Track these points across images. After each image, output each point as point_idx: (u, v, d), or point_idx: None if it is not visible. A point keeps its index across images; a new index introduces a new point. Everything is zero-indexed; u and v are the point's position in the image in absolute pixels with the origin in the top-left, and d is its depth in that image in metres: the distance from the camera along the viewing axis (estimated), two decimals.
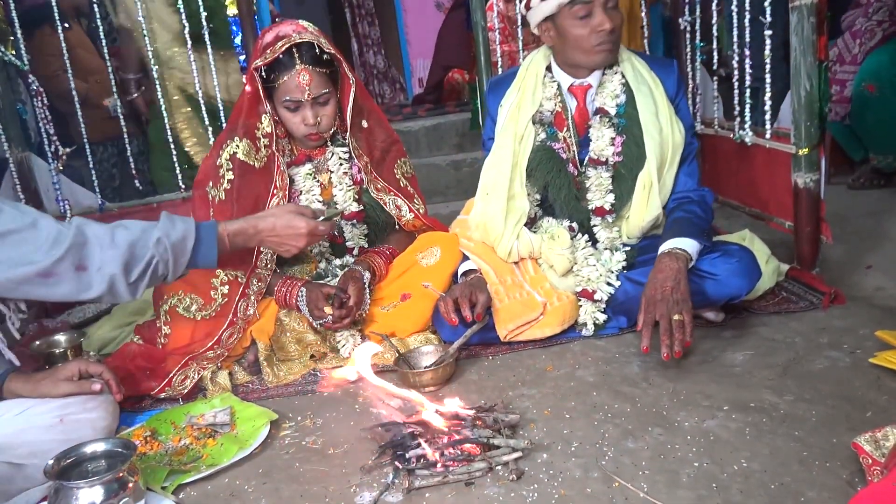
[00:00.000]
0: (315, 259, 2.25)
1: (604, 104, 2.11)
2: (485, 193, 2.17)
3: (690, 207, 2.07)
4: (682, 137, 2.10)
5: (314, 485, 1.49)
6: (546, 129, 2.16)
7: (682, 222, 2.01)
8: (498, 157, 2.17)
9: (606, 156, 2.11)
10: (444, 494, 1.41)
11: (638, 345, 1.98)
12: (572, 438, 1.55)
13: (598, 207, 2.14)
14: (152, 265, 1.53)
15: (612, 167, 2.12)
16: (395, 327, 2.15)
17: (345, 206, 2.22)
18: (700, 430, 1.53)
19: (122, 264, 1.46)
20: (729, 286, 1.93)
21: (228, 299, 2.02)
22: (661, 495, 1.32)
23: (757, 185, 2.57)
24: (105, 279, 1.45)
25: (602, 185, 2.13)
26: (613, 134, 2.11)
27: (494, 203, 2.13)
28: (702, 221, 2.04)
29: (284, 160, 2.16)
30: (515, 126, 2.16)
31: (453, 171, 4.11)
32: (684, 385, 1.74)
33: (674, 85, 2.14)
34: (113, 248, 1.46)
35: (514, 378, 1.90)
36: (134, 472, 1.39)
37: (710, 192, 2.16)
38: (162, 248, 1.54)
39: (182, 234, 1.60)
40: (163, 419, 1.81)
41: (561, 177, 2.15)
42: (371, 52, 7.26)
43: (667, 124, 2.08)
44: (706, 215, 2.08)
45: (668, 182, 2.11)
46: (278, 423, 1.78)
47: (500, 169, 2.15)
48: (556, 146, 2.15)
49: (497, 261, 2.13)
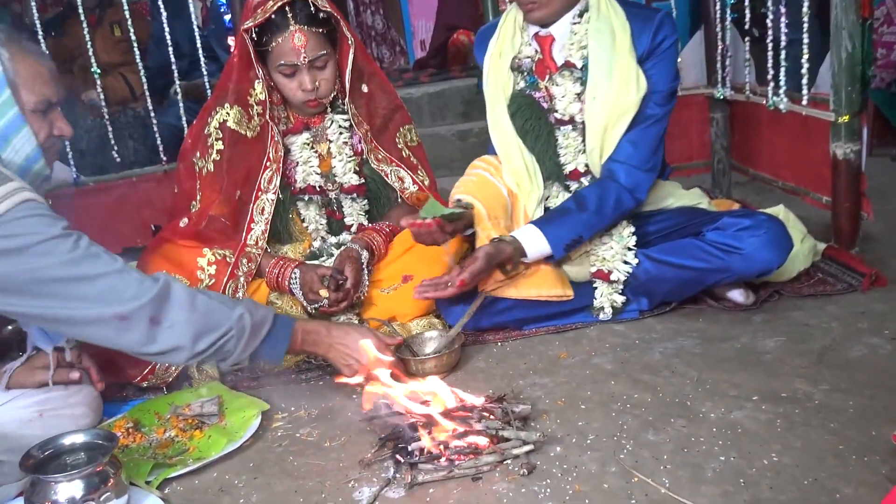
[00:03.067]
0: (309, 237, 2.25)
1: (569, 56, 2.07)
2: (503, 156, 2.16)
3: (597, 193, 1.99)
4: (636, 100, 1.99)
5: (309, 480, 1.51)
6: (525, 78, 2.14)
7: (558, 212, 2.01)
8: (493, 115, 2.16)
9: (572, 113, 2.08)
10: (449, 490, 1.42)
11: (661, 330, 2.00)
12: (588, 430, 1.56)
13: (571, 171, 2.12)
14: (224, 339, 1.51)
15: (580, 125, 2.08)
16: (395, 311, 2.15)
17: (343, 179, 2.21)
18: (727, 421, 1.53)
19: (194, 330, 1.47)
20: (757, 260, 1.93)
21: (216, 280, 2.02)
22: (683, 491, 1.32)
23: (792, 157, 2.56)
24: (172, 339, 1.46)
25: (571, 146, 2.10)
26: (579, 89, 2.06)
27: (514, 161, 2.13)
28: (586, 218, 1.98)
29: (279, 129, 2.16)
30: (498, 74, 2.15)
31: (458, 141, 4.09)
32: (710, 373, 1.74)
33: (647, 42, 2.00)
34: (191, 311, 1.48)
35: (525, 366, 1.90)
36: (116, 465, 1.41)
37: (654, 174, 2.08)
38: (241, 326, 1.54)
39: (262, 317, 1.59)
40: (146, 409, 1.83)
41: (540, 125, 2.12)
42: (368, 11, 7.20)
43: (620, 82, 1.99)
44: (611, 207, 1.99)
45: (608, 145, 2.04)
46: (270, 413, 1.79)
47: (500, 128, 2.14)
48: (537, 95, 2.13)
49: (492, 201, 2.09)
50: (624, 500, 1.32)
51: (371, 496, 1.42)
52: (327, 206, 2.24)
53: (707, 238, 1.99)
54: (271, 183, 2.14)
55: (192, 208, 2.12)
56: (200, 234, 2.07)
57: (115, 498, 1.37)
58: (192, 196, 2.13)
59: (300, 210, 2.22)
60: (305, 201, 2.21)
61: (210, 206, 2.08)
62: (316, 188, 2.20)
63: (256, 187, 2.12)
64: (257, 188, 2.12)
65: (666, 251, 2.02)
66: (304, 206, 2.21)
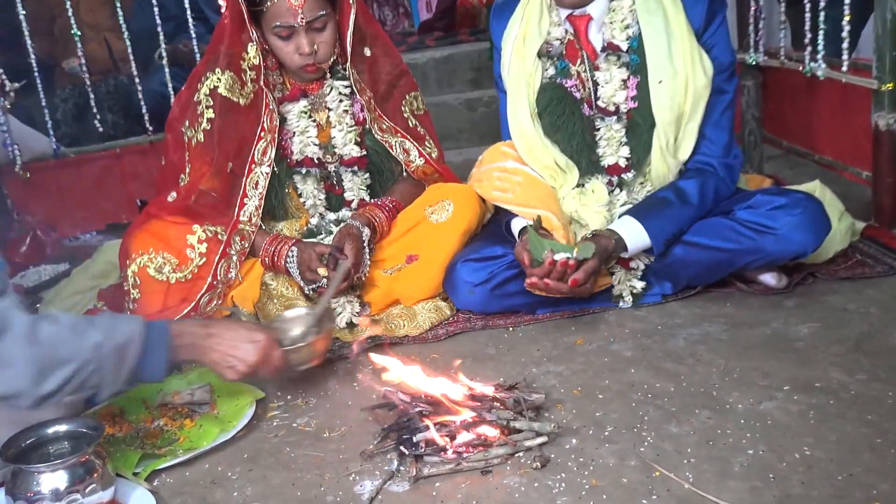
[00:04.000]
0: (307, 213, 2.25)
1: (612, 38, 2.04)
2: (528, 157, 2.15)
3: (698, 185, 2.01)
4: (708, 80, 1.99)
5: (307, 472, 1.52)
6: (555, 63, 2.12)
7: (657, 204, 2.00)
8: (515, 112, 2.14)
9: (617, 102, 2.07)
10: (456, 484, 1.43)
11: (685, 315, 2.00)
12: (606, 422, 1.57)
13: (611, 165, 2.11)
14: (80, 374, 1.36)
15: (625, 116, 2.07)
16: (399, 293, 2.16)
17: (343, 151, 2.21)
18: (756, 413, 1.54)
19: (37, 368, 1.31)
20: (792, 242, 1.93)
21: (207, 259, 2.03)
22: (708, 486, 1.33)
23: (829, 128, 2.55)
24: (8, 381, 1.31)
25: (613, 139, 2.09)
26: (625, 74, 2.05)
27: (542, 160, 2.12)
28: (688, 212, 1.99)
29: (275, 96, 2.15)
30: (522, 63, 2.12)
31: (467, 111, 4.08)
32: (738, 361, 1.74)
33: (702, 12, 1.99)
34: (32, 346, 1.31)
35: (538, 353, 1.91)
36: (101, 455, 1.42)
37: (741, 159, 2.11)
38: (99, 355, 1.38)
39: (127, 336, 1.43)
40: (132, 397, 1.84)
41: (573, 121, 2.11)
42: None
43: (685, 63, 1.98)
44: (711, 199, 2.02)
45: (689, 139, 2.03)
46: (265, 401, 1.80)
47: (522, 127, 2.12)
48: (569, 83, 2.12)
49: (550, 203, 2.09)
50: (644, 496, 1.33)
51: (373, 490, 1.43)
52: (326, 180, 2.24)
53: (738, 217, 1.98)
54: (266, 155, 2.14)
55: (181, 181, 2.13)
56: (190, 210, 2.08)
57: (101, 490, 1.39)
58: (181, 168, 2.13)
59: (297, 184, 2.22)
60: (302, 174, 2.21)
61: (200, 179, 2.09)
62: (314, 160, 2.20)
63: (250, 159, 2.12)
64: (250, 160, 2.13)
65: (693, 232, 2.02)
66: (300, 179, 2.21)
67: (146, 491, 1.48)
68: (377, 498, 1.41)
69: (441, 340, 2.05)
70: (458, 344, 2.03)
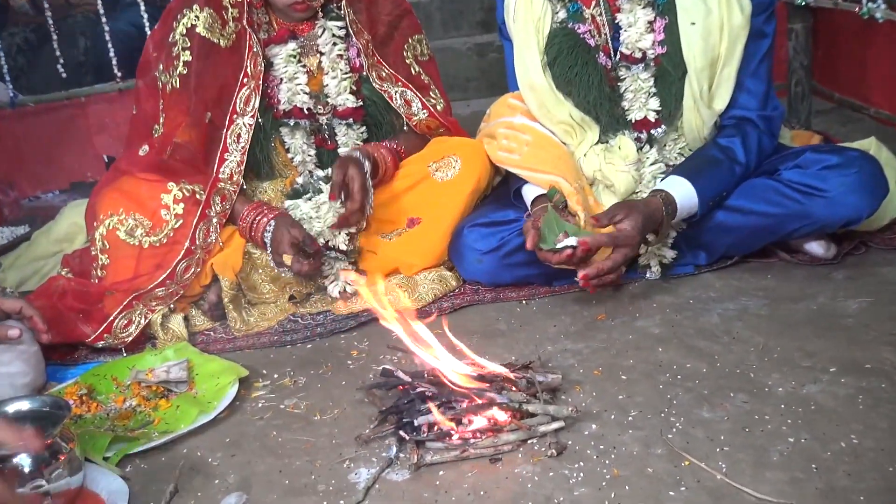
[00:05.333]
0: (295, 170, 2.25)
1: None
2: (540, 114, 2.14)
3: (741, 141, 2.01)
4: (745, 20, 1.97)
5: (296, 458, 1.54)
6: (567, 6, 2.10)
7: (705, 162, 1.99)
8: (523, 62, 2.12)
9: (643, 48, 2.05)
10: (462, 473, 1.44)
11: (720, 288, 2.00)
12: (630, 405, 1.58)
13: (638, 120, 2.10)
14: None
15: (653, 63, 2.06)
16: (399, 262, 2.17)
17: (337, 101, 2.20)
18: (798, 397, 1.54)
19: None
20: (844, 206, 1.92)
21: (184, 222, 2.03)
22: (743, 477, 1.34)
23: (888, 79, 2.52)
24: None
25: (640, 90, 2.08)
26: (651, 15, 2.04)
27: (557, 116, 2.11)
28: (736, 171, 1.99)
29: (259, 38, 2.14)
30: (530, 6, 2.11)
31: (476, 57, 4.06)
32: (779, 340, 1.74)
33: None
34: None
35: (554, 329, 1.92)
36: (68, 438, 1.43)
37: (781, 110, 2.09)
38: None
39: None
40: (102, 374, 1.86)
41: (588, 72, 2.10)
42: None
43: (718, 2, 1.97)
44: (756, 156, 2.02)
45: (725, 86, 2.03)
46: (249, 381, 1.81)
47: (531, 79, 2.11)
48: (581, 29, 2.10)
49: (562, 166, 2.08)
50: (671, 487, 1.34)
51: (370, 478, 1.44)
52: (317, 134, 2.23)
53: (784, 178, 1.98)
54: (248, 104, 2.13)
55: (155, 133, 2.12)
56: (164, 166, 2.08)
57: (69, 476, 1.40)
58: (155, 118, 2.12)
59: (284, 138, 2.22)
60: (290, 127, 2.20)
61: (175, 130, 2.08)
62: (303, 111, 2.19)
63: (231, 109, 2.12)
64: (231, 110, 2.12)
65: (735, 195, 2.01)
66: (288, 132, 2.21)
67: (117, 477, 1.49)
68: (374, 487, 1.42)
69: (446, 314, 2.05)
70: (465, 318, 2.03)
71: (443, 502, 1.37)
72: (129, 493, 1.45)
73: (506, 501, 1.36)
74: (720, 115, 2.07)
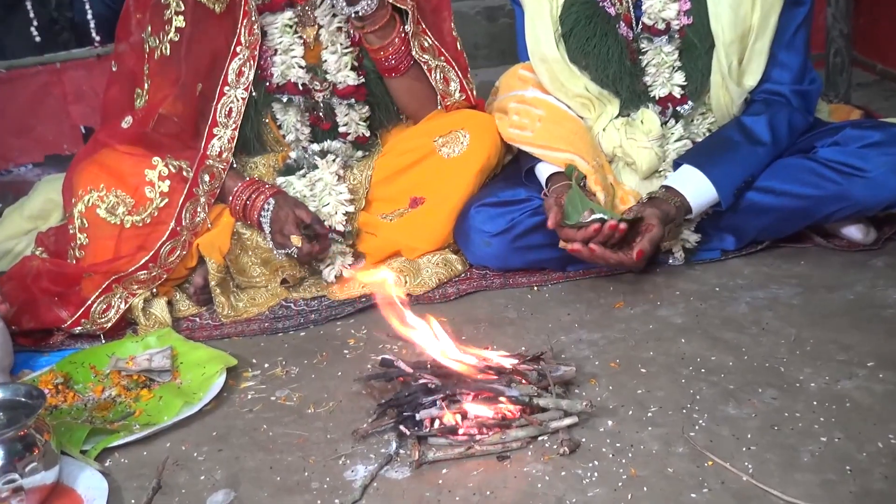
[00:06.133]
0: (287, 147, 2.24)
1: None
2: (553, 88, 2.14)
3: (766, 119, 2.01)
4: None
5: (288, 454, 1.54)
6: None
7: (720, 146, 1.99)
8: (534, 33, 2.12)
9: (668, 19, 2.04)
10: (467, 471, 1.45)
11: (749, 274, 2.00)
12: (649, 400, 1.58)
13: (662, 96, 2.10)
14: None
15: (677, 35, 2.06)
16: (400, 244, 2.17)
17: (336, 77, 2.18)
18: (832, 393, 1.54)
19: None
20: (885, 187, 1.92)
21: (170, 200, 2.03)
22: (771, 479, 1.34)
23: None
24: None
25: (664, 64, 2.08)
26: None
27: (573, 89, 2.11)
28: (760, 153, 1.99)
29: (254, 4, 2.13)
30: None
31: (485, 21, 4.04)
32: (813, 331, 1.74)
33: None
34: None
35: (568, 317, 1.92)
36: (43, 429, 1.44)
37: (819, 84, 2.08)
38: None
39: None
40: (79, 362, 1.86)
41: (607, 44, 2.09)
42: None
43: None
44: (786, 136, 2.02)
45: (757, 61, 2.03)
46: (237, 370, 1.82)
47: (542, 52, 2.11)
48: None
49: (578, 143, 2.08)
50: (693, 489, 1.34)
51: (367, 476, 1.44)
52: (312, 111, 2.22)
53: (820, 156, 1.98)
54: (242, 76, 2.12)
55: (137, 100, 2.11)
56: (148, 138, 2.07)
57: (44, 469, 1.41)
58: (138, 82, 2.11)
59: (276, 114, 2.21)
60: (283, 103, 2.19)
61: (162, 101, 2.07)
62: (298, 86, 2.17)
63: (222, 80, 2.11)
64: (223, 81, 2.11)
65: (765, 175, 2.01)
66: (281, 109, 2.20)
67: (96, 472, 1.50)
68: (371, 485, 1.43)
69: (450, 301, 2.06)
70: (471, 305, 2.04)
71: (446, 502, 1.38)
72: (109, 489, 1.46)
73: (514, 502, 1.36)
74: (751, 91, 2.06)
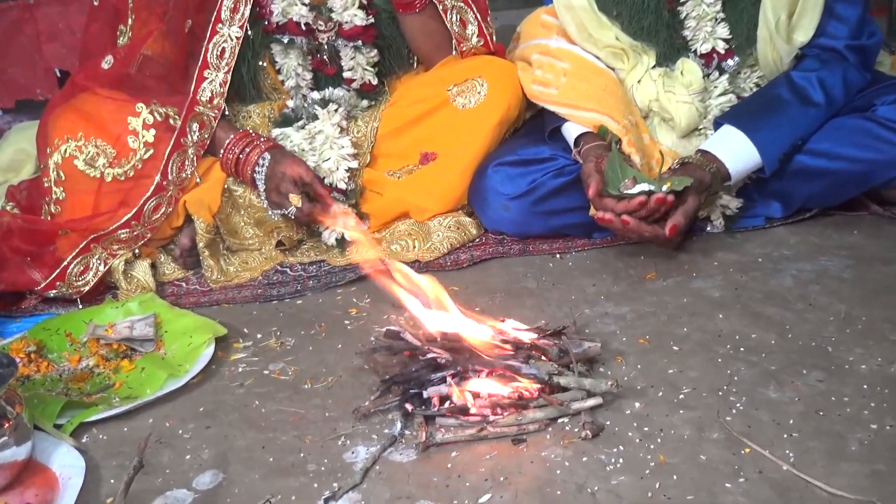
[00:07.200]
0: (286, 94, 2.24)
1: None
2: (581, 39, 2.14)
3: (819, 77, 2.00)
4: None
5: (282, 433, 1.55)
6: None
7: (767, 105, 1.98)
8: None
9: None
10: (479, 455, 1.45)
11: (796, 245, 2.00)
12: (681, 381, 1.59)
13: (705, 52, 2.10)
14: None
15: None
16: (409, 204, 2.18)
17: (343, 16, 2.17)
18: (883, 376, 1.55)
19: None
20: None
21: (155, 151, 2.03)
22: (814, 469, 1.35)
23: None
24: None
25: (706, 16, 2.07)
26: None
27: (603, 40, 2.11)
28: (811, 114, 1.99)
29: None
30: None
31: None
32: (864, 308, 1.74)
33: None
34: None
35: (594, 289, 1.92)
36: (14, 400, 1.45)
37: (879, 37, 2.07)
38: None
39: None
40: (53, 329, 1.88)
41: None
42: None
43: None
44: (841, 95, 2.01)
45: (810, 15, 2.02)
46: (227, 341, 1.83)
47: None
48: None
49: (608, 100, 2.08)
50: (728, 478, 1.35)
51: (369, 458, 1.45)
52: (315, 55, 2.21)
53: (879, 116, 1.97)
54: (237, 12, 2.11)
55: (120, 37, 2.11)
56: (132, 81, 2.07)
57: (15, 445, 1.41)
58: (122, 17, 2.11)
59: (275, 57, 2.21)
60: (283, 45, 2.19)
61: (146, 38, 2.07)
62: (300, 26, 2.16)
63: (215, 16, 2.10)
64: (215, 18, 2.10)
65: (817, 136, 2.01)
66: (280, 51, 2.20)
67: (72, 448, 1.51)
68: (373, 468, 1.44)
69: (463, 268, 2.07)
70: (486, 274, 2.04)
71: (455, 488, 1.38)
72: (86, 467, 1.47)
73: (530, 490, 1.37)
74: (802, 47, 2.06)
